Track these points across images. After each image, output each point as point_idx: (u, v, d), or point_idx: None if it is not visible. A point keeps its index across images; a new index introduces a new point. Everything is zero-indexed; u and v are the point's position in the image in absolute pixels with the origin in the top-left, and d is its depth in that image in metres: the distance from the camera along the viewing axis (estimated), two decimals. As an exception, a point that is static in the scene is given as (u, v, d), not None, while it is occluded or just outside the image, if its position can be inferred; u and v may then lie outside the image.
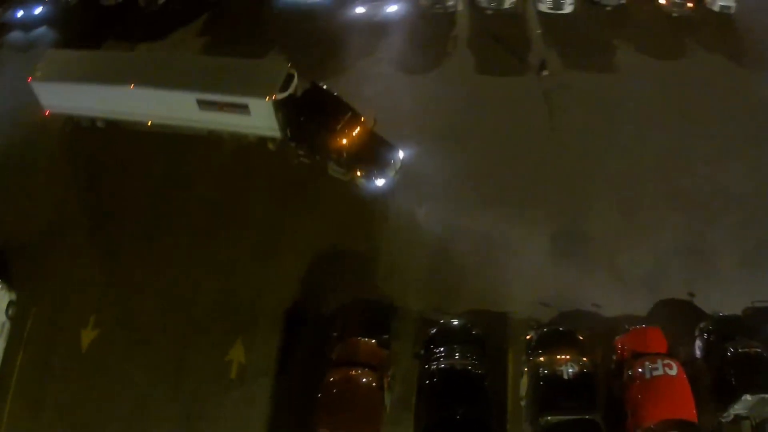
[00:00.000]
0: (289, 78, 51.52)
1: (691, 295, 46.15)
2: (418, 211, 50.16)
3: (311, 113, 50.96)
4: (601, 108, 55.95)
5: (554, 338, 41.52)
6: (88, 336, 45.75)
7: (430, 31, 62.24)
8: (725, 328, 43.01)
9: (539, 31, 62.27)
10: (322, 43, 61.25)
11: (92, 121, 57.24)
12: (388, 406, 39.50)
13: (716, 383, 40.57)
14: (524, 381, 40.39)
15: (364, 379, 38.75)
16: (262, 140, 53.71)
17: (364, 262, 47.48)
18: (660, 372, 39.26)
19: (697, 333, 43.71)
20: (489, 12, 63.02)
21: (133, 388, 43.62)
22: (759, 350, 40.97)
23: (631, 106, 56.23)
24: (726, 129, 55.09)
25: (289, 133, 52.23)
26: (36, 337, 46.04)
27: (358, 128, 51.15)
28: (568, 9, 62.97)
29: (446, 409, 38.08)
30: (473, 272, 46.49)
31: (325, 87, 52.34)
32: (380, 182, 50.79)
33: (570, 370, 39.14)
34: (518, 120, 55.90)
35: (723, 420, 40.43)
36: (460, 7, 63.53)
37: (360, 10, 62.41)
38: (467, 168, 52.25)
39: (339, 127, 50.53)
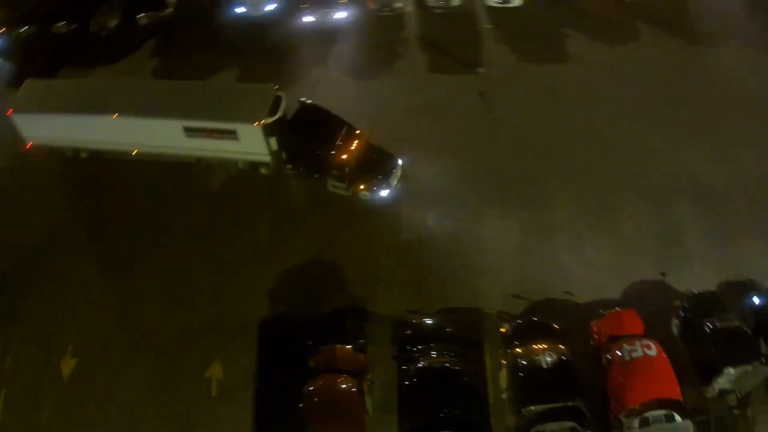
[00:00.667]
0: (277, 101, 50.06)
1: (663, 275, 45.95)
2: (382, 214, 49.76)
3: (307, 133, 50.06)
4: (556, 98, 55.69)
5: (529, 329, 41.21)
6: (68, 365, 44.49)
7: (380, 35, 62.06)
8: (701, 305, 42.70)
9: (489, 26, 62.09)
10: (274, 53, 60.73)
11: (76, 151, 55.72)
12: (370, 409, 38.99)
13: (697, 359, 40.25)
14: (503, 374, 39.91)
15: (345, 385, 38.21)
16: (252, 165, 52.62)
17: (332, 270, 46.94)
18: (639, 353, 38.90)
19: (673, 312, 43.41)
20: (438, 11, 62.59)
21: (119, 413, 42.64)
22: (737, 324, 40.69)
23: (587, 93, 56.21)
24: (683, 109, 55.21)
25: (285, 156, 50.90)
26: (18, 371, 44.87)
27: (356, 141, 50.29)
28: (516, 2, 62.66)
29: (429, 409, 37.55)
30: (444, 271, 46.16)
31: (314, 104, 51.45)
32: (384, 193, 50.14)
33: (548, 359, 38.70)
34: (472, 118, 55.96)
35: (708, 395, 40.01)
36: (409, 8, 63.24)
37: (309, 18, 62.08)
38: (425, 168, 52.23)
39: (338, 143, 49.74)
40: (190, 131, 50.39)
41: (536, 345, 39.60)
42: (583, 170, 51.19)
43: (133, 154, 53.40)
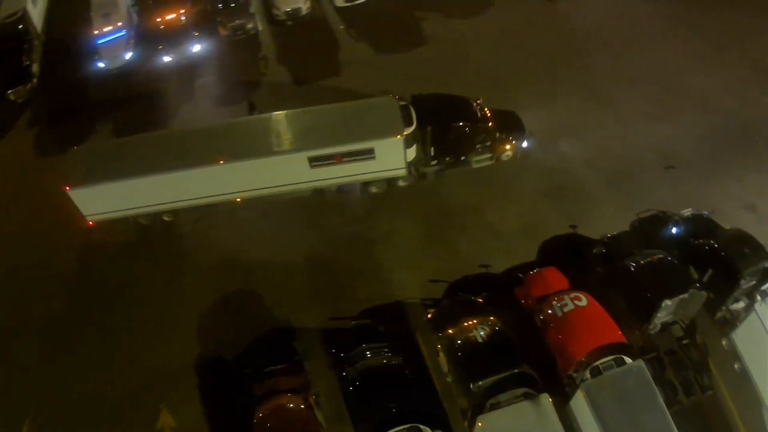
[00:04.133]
0: (406, 109, 45.72)
1: (573, 227, 45.07)
2: (280, 229, 47.67)
3: (448, 120, 46.69)
4: (428, 81, 52.69)
5: (455, 309, 39.65)
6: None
7: (239, 59, 59.35)
8: (620, 247, 41.60)
9: (342, 27, 60.32)
10: (141, 99, 56.91)
11: (153, 217, 48.31)
12: (323, 423, 37.05)
13: (632, 300, 38.53)
14: (442, 358, 38.26)
15: (292, 405, 36.33)
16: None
17: (250, 297, 44.29)
18: (570, 306, 37.90)
19: (594, 260, 42.05)
20: (289, 23, 60.64)
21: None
22: (661, 256, 39.33)
23: (457, 68, 54.65)
24: (557, 68, 54.95)
25: (432, 153, 47.10)
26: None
27: (485, 109, 47.62)
28: None
29: (379, 407, 35.70)
30: (356, 273, 44.49)
31: (419, 94, 47.85)
32: (525, 144, 48.81)
33: (481, 333, 37.15)
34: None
35: (652, 332, 38.64)
36: (260, 27, 61.03)
37: (167, 58, 59.31)
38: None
39: (477, 115, 47.02)
40: (316, 161, 44.87)
41: (466, 322, 37.86)
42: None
43: (238, 201, 47.30)
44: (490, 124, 47.06)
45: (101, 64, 59.88)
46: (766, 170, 47.27)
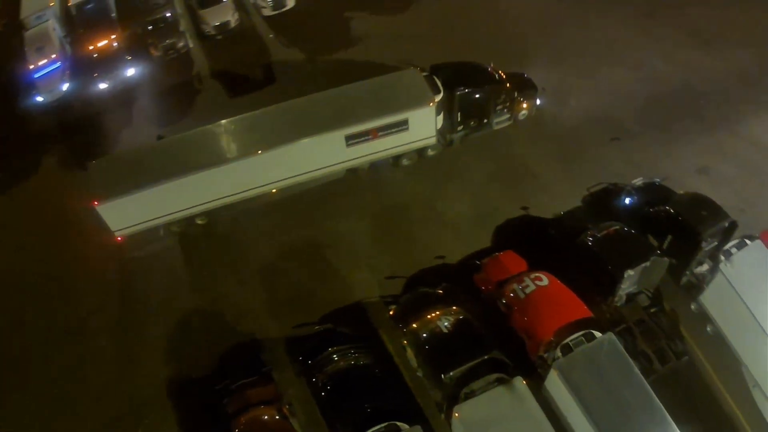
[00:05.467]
0: (430, 79, 45.78)
1: (525, 209, 44.24)
2: (232, 244, 45.87)
3: (472, 84, 46.42)
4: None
5: (416, 303, 38.47)
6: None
7: (174, 78, 57.25)
8: (574, 223, 41.26)
9: (272, 35, 58.83)
10: (83, 128, 54.41)
11: (185, 224, 45.85)
12: (300, 431, 35.78)
13: (594, 275, 37.41)
14: (410, 353, 37.22)
15: (266, 416, 35.11)
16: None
17: (207, 315, 42.41)
18: (532, 287, 37.07)
19: (551, 240, 41.62)
20: (219, 37, 58.91)
21: None
22: (617, 227, 38.61)
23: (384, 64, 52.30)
24: (489, 50, 52.67)
25: (459, 118, 47.02)
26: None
27: (499, 72, 47.68)
28: (290, 3, 59.94)
29: (354, 409, 34.57)
30: (313, 279, 43.04)
31: (436, 64, 47.69)
32: (538, 102, 49.06)
33: (446, 324, 36.30)
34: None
35: (617, 305, 37.59)
36: (191, 44, 59.15)
37: (103, 85, 56.88)
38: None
39: (497, 77, 47.10)
40: (352, 139, 44.02)
41: (429, 315, 36.93)
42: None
43: (273, 192, 45.68)
44: (508, 85, 47.20)
45: (39, 98, 57.51)
46: (715, 132, 47.04)
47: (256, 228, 45.82)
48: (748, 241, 36.52)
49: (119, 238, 43.81)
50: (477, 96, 46.46)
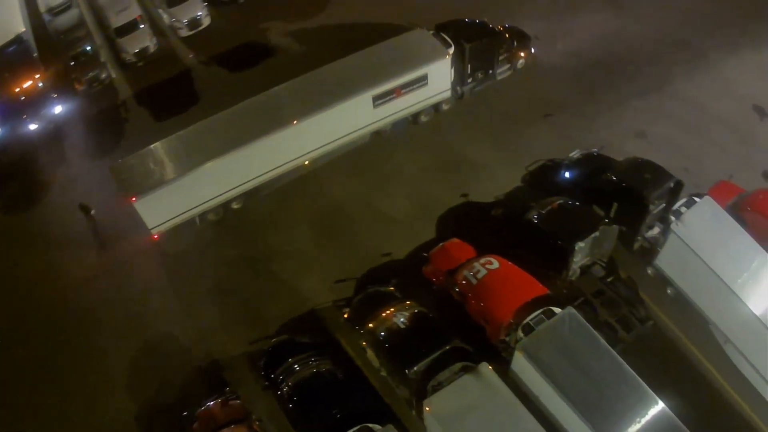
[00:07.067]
0: (438, 35, 46.28)
1: (465, 195, 43.33)
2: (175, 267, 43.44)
3: (478, 38, 46.78)
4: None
5: (368, 303, 37.34)
6: None
7: (99, 108, 54.77)
8: (517, 203, 40.61)
9: (192, 56, 56.62)
10: (16, 173, 51.86)
11: (221, 210, 44.51)
12: None
13: (544, 251, 36.77)
14: (370, 354, 35.82)
15: None
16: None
17: (164, 340, 40.20)
18: (483, 272, 35.94)
19: (495, 224, 40.64)
20: (140, 64, 56.66)
21: None
22: (561, 201, 38.14)
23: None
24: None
25: (469, 71, 47.41)
26: None
27: (497, 26, 48.42)
28: (206, 22, 57.96)
29: (323, 415, 33.15)
30: (262, 293, 41.10)
31: (442, 23, 47.89)
32: (533, 50, 49.90)
33: (402, 319, 35.11)
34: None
35: (573, 279, 36.59)
36: (114, 74, 56.86)
37: (33, 126, 54.39)
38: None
39: (496, 31, 47.81)
40: (379, 99, 44.32)
41: (384, 312, 35.74)
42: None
43: (306, 165, 45.26)
44: (507, 36, 48.24)
45: None
46: (648, 96, 46.94)
47: (196, 249, 43.94)
48: (696, 199, 35.90)
49: (156, 236, 42.39)
50: (484, 48, 47.11)
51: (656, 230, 37.36)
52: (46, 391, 38.97)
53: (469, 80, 48.16)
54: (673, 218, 35.16)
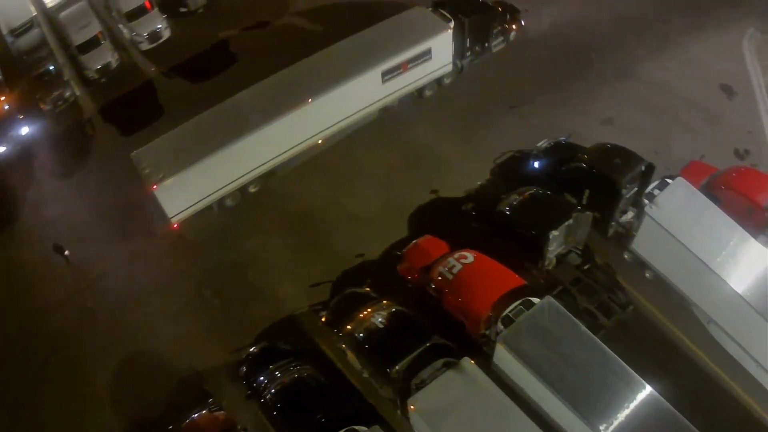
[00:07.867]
0: (436, 11, 46.85)
1: (435, 191, 42.91)
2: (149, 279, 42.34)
3: (475, 13, 47.58)
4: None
5: (345, 305, 36.83)
6: None
7: (67, 128, 53.63)
8: (487, 196, 40.44)
9: (154, 69, 55.73)
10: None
11: (240, 194, 44.41)
12: None
13: (518, 242, 36.68)
14: (351, 356, 35.18)
15: None
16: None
17: (143, 354, 39.16)
18: (459, 267, 35.41)
19: (468, 218, 40.34)
20: (103, 80, 55.54)
21: None
22: (532, 191, 38.22)
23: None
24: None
25: (469, 43, 48.13)
26: None
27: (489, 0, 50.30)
28: (167, 34, 57.00)
29: (308, 420, 32.60)
30: (239, 301, 40.22)
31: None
32: (523, 23, 50.85)
33: (380, 319, 34.52)
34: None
35: (550, 268, 36.34)
36: (78, 91, 55.76)
37: (0, 149, 53.16)
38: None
39: (490, 5, 49.22)
40: (387, 74, 44.84)
41: (361, 313, 35.26)
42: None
43: (320, 144, 45.30)
44: (500, 9, 49.50)
45: None
46: (612, 81, 46.93)
47: (171, 258, 43.12)
48: (669, 181, 35.54)
49: (176, 225, 42.08)
50: (481, 22, 47.92)
51: (630, 215, 37.07)
52: (27, 416, 38.07)
53: (468, 54, 48.66)
54: (646, 201, 34.88)
